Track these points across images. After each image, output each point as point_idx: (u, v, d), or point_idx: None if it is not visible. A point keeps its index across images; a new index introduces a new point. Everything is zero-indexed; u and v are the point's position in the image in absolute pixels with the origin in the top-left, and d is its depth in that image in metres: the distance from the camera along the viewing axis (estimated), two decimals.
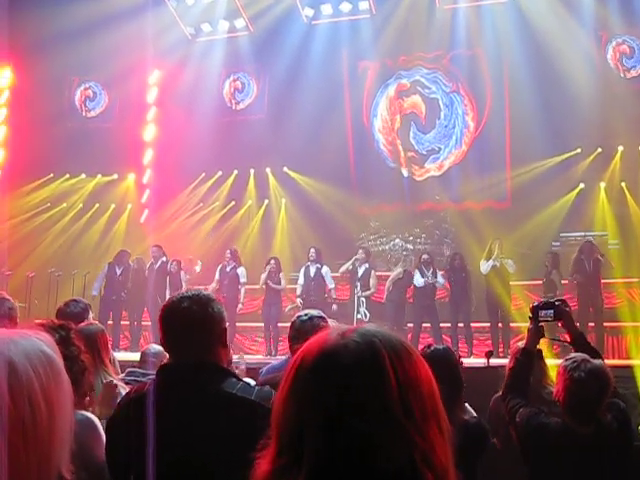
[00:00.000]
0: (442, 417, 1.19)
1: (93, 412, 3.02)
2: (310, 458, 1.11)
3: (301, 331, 3.75)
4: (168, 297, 2.92)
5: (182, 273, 12.49)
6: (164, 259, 12.66)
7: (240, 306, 12.17)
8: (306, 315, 3.94)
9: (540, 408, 3.67)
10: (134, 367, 4.99)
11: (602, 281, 11.15)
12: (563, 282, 11.40)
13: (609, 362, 8.38)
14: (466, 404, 3.81)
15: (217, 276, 12.46)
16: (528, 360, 3.80)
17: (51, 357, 1.26)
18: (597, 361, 3.48)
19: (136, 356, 6.32)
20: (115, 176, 16.31)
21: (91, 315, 5.11)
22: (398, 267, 12.15)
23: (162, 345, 2.64)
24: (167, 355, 2.74)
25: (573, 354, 3.62)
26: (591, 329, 10.79)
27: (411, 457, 1.10)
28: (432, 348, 3.81)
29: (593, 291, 10.94)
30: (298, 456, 1.12)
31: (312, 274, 12.00)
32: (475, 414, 3.85)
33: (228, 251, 12.67)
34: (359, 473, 1.09)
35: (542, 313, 3.83)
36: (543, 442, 3.43)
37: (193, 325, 2.51)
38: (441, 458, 1.14)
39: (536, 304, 3.88)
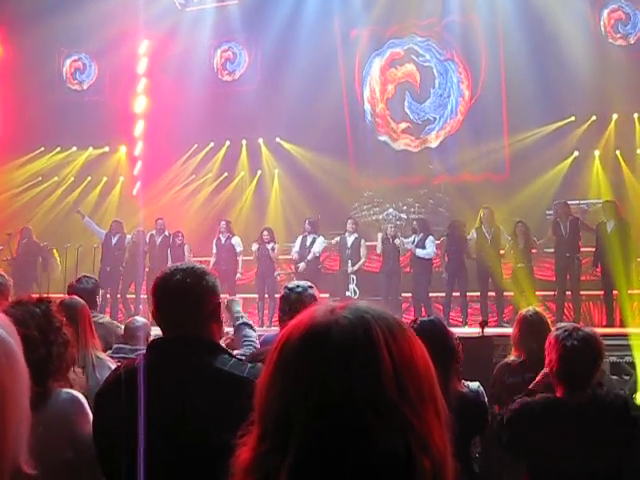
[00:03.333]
0: (439, 400, 1.13)
1: (78, 388, 2.97)
2: (297, 442, 1.04)
3: (291, 302, 3.70)
4: None
5: (186, 246, 12.47)
6: (166, 233, 12.71)
7: (238, 275, 12.19)
8: (298, 286, 3.89)
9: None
10: (121, 344, 4.96)
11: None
12: (533, 251, 11.37)
13: (606, 330, 8.46)
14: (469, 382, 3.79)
15: (214, 249, 12.46)
16: None
17: (4, 340, 1.14)
18: (588, 329, 3.46)
19: None
20: (107, 149, 16.23)
21: (101, 291, 5.12)
22: (379, 235, 12.07)
23: (154, 319, 2.56)
24: (150, 327, 2.69)
25: (561, 324, 3.58)
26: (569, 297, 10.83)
27: (406, 440, 1.04)
28: (419, 321, 3.76)
29: (570, 256, 10.80)
30: (283, 441, 1.05)
31: (307, 244, 11.99)
32: (478, 385, 3.82)
33: (223, 222, 12.66)
34: (351, 457, 1.02)
35: None
36: (532, 416, 3.38)
37: (185, 298, 2.45)
38: (438, 442, 1.08)
39: None
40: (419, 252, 11.46)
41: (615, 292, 10.36)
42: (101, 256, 12.79)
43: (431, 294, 11.62)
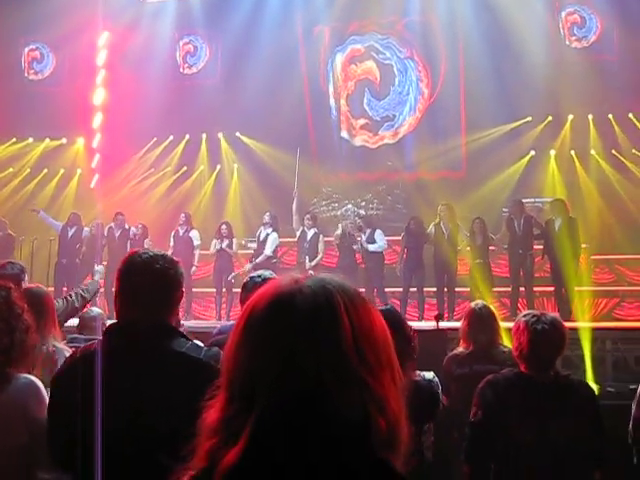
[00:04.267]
0: (396, 368, 1.19)
1: (36, 374, 2.97)
2: (261, 402, 1.09)
3: (250, 292, 3.72)
4: None
5: (146, 240, 12.35)
6: (126, 226, 12.59)
7: (194, 269, 12.11)
8: (259, 276, 3.91)
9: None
10: (76, 334, 4.94)
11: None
12: (491, 248, 11.51)
13: None
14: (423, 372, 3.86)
15: (172, 242, 12.38)
16: None
17: None
18: (552, 314, 3.62)
19: None
20: (64, 140, 16.00)
21: (27, 277, 5.05)
22: (337, 230, 12.11)
23: (116, 299, 2.51)
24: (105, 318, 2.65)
25: (526, 311, 3.71)
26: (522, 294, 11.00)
27: (364, 402, 1.09)
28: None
29: (523, 253, 10.95)
30: (249, 404, 1.10)
31: (261, 238, 12.02)
32: (432, 374, 3.90)
33: (183, 215, 12.59)
34: (310, 417, 1.08)
35: None
36: (498, 389, 3.49)
37: (159, 284, 2.47)
38: (394, 406, 1.14)
39: None
40: (371, 247, 11.54)
41: (563, 289, 10.55)
42: (57, 249, 12.62)
43: (388, 289, 11.67)
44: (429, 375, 3.88)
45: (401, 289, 11.57)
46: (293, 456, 1.07)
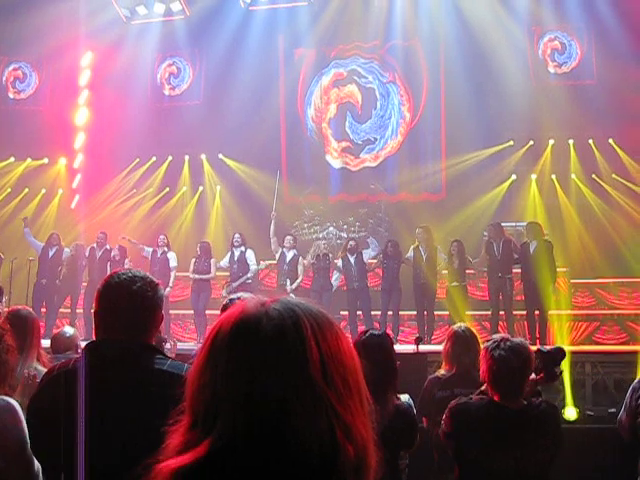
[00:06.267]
0: (364, 392, 1.16)
1: (16, 397, 2.93)
2: (223, 427, 1.06)
3: None
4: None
5: (126, 260, 12.26)
6: (107, 246, 12.50)
7: (168, 289, 12.01)
8: (238, 298, 3.89)
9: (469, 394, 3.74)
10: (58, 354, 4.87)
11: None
12: (468, 271, 11.49)
13: (547, 347, 8.63)
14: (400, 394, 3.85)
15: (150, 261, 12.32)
16: None
17: None
18: (517, 339, 3.57)
19: None
20: (45, 160, 15.90)
21: (4, 298, 5.00)
22: (308, 254, 12.10)
23: (96, 319, 2.50)
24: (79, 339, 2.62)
25: (494, 335, 3.69)
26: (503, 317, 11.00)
27: (331, 427, 1.07)
28: (369, 333, 3.83)
29: (502, 276, 10.90)
30: (212, 428, 1.08)
31: (236, 258, 11.96)
32: (408, 398, 3.89)
33: (162, 236, 12.52)
34: (275, 443, 1.05)
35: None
36: (467, 418, 3.48)
37: (142, 306, 2.47)
38: (362, 431, 1.11)
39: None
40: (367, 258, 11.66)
41: (537, 312, 10.57)
42: (37, 269, 12.51)
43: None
44: (405, 397, 3.87)
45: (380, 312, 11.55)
46: None
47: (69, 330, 5.38)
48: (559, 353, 3.85)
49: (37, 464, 2.68)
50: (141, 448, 2.13)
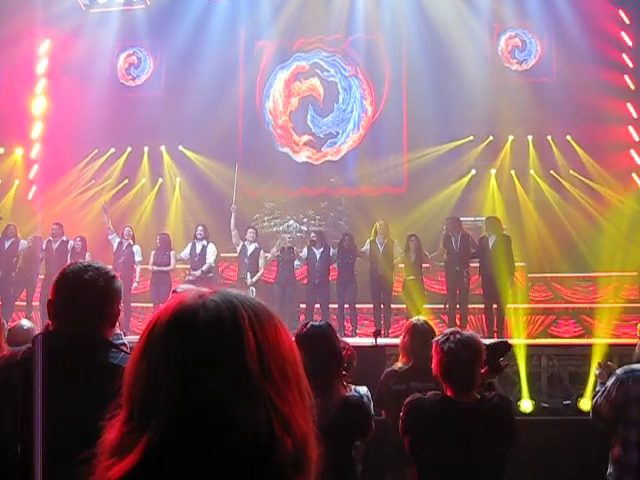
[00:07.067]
0: (304, 385, 1.14)
1: None
2: (158, 419, 1.03)
3: None
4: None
5: (87, 254, 12.09)
6: (64, 238, 12.31)
7: (135, 284, 11.93)
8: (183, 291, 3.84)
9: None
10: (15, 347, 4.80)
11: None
12: (424, 265, 11.52)
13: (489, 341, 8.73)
14: (358, 386, 3.84)
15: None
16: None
17: None
18: (467, 332, 3.60)
19: None
20: (1, 150, 15.57)
21: None
22: (273, 247, 12.08)
23: (50, 309, 2.45)
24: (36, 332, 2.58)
25: (446, 330, 3.71)
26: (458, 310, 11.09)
27: (268, 419, 1.04)
28: (309, 325, 3.81)
29: (459, 270, 10.96)
30: (147, 421, 1.05)
31: (197, 251, 11.90)
32: (365, 390, 3.88)
33: (127, 228, 12.37)
34: (210, 435, 1.02)
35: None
36: (421, 415, 3.48)
37: (95, 297, 2.41)
38: (301, 424, 1.09)
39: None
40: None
41: (494, 306, 10.67)
42: None
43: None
44: (363, 390, 3.86)
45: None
46: (190, 476, 1.02)
47: (26, 323, 5.30)
48: (502, 345, 3.89)
49: None
50: (83, 443, 2.12)
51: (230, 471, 1.03)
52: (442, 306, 11.29)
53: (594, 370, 5.30)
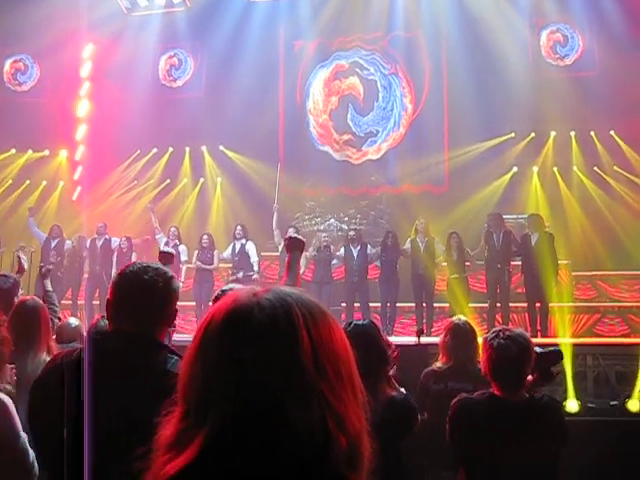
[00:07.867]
0: (357, 383, 1.15)
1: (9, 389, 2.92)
2: (214, 417, 1.06)
3: None
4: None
5: (133, 254, 12.25)
6: (107, 236, 12.56)
7: (180, 284, 12.03)
8: (231, 289, 3.86)
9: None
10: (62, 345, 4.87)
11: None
12: (467, 264, 11.40)
13: (538, 341, 8.64)
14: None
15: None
16: None
17: None
18: (516, 330, 3.54)
19: None
20: (47, 152, 15.88)
21: (21, 290, 5.00)
22: (310, 246, 12.07)
23: (107, 310, 2.47)
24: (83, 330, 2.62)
25: (495, 328, 3.67)
26: (499, 309, 10.96)
27: (323, 417, 1.06)
28: (353, 323, 3.80)
29: (501, 267, 10.86)
30: (204, 419, 1.07)
31: (237, 250, 11.97)
32: (404, 391, 3.86)
33: (173, 229, 12.52)
34: (266, 433, 1.04)
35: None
36: (469, 414, 3.45)
37: (154, 298, 2.43)
38: (355, 423, 1.10)
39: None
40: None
41: (538, 304, 10.54)
42: (40, 260, 12.50)
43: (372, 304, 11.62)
44: (402, 391, 3.85)
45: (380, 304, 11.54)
46: (247, 473, 1.04)
47: (74, 321, 5.39)
48: (555, 354, 3.79)
49: (32, 454, 2.67)
50: (137, 441, 2.14)
51: (285, 469, 1.04)
52: (485, 305, 11.20)
53: None
